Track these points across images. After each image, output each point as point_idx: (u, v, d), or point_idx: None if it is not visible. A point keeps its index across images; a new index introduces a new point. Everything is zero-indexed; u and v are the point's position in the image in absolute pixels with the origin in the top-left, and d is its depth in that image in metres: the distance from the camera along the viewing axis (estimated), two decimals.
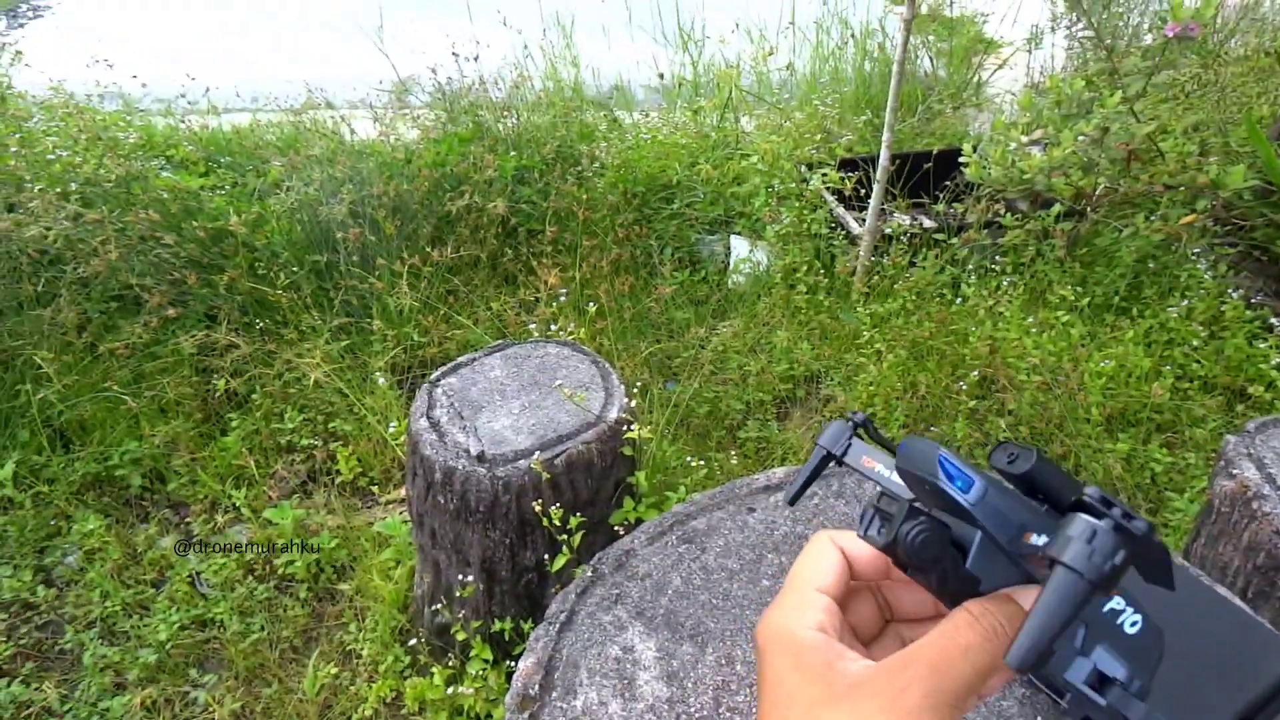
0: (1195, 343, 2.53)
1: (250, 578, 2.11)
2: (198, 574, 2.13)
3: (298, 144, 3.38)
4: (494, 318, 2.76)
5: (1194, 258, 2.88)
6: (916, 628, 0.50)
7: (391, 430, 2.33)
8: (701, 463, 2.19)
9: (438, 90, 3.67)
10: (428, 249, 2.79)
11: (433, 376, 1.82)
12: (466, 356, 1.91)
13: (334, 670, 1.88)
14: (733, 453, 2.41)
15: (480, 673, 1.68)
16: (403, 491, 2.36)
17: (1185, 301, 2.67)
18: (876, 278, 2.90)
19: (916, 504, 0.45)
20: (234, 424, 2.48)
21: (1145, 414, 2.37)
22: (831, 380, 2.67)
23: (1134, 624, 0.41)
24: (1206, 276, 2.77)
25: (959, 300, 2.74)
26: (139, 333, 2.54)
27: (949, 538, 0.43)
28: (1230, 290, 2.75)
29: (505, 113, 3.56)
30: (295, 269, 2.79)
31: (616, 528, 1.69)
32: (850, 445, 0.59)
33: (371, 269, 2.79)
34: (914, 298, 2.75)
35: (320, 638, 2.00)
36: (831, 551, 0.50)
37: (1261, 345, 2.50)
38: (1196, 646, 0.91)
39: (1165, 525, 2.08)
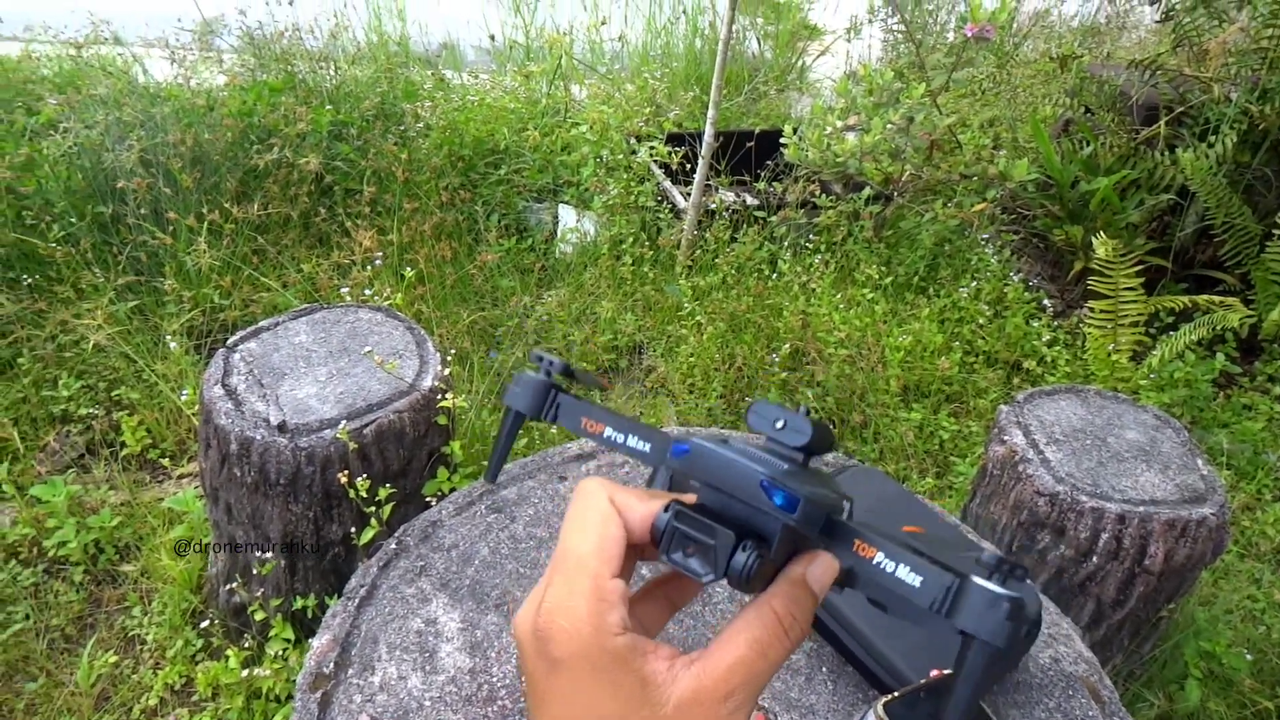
0: (981, 321, 2.75)
1: (14, 562, 1.89)
2: None
3: (78, 82, 3.03)
4: (305, 280, 2.60)
5: (983, 243, 3.13)
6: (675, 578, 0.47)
7: (185, 398, 2.15)
8: (521, 432, 2.17)
9: (246, 34, 3.40)
10: (231, 205, 2.59)
11: (230, 341, 1.69)
12: (269, 320, 1.78)
13: (113, 658, 1.72)
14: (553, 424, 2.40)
15: (281, 653, 1.60)
16: (196, 464, 2.19)
17: (975, 283, 2.90)
18: (699, 251, 2.96)
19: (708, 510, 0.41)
20: None
21: (936, 385, 2.56)
22: (654, 351, 2.72)
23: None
24: (993, 260, 3.02)
25: (775, 276, 2.85)
26: None
27: (758, 536, 0.40)
28: (1012, 274, 3.01)
29: (322, 63, 3.35)
30: (73, 220, 2.51)
31: (429, 499, 1.64)
32: (558, 403, 0.50)
33: (165, 224, 2.56)
34: (734, 272, 2.83)
35: (99, 624, 1.83)
36: (614, 521, 0.42)
37: (1036, 324, 2.75)
38: None
39: (950, 488, 2.26)
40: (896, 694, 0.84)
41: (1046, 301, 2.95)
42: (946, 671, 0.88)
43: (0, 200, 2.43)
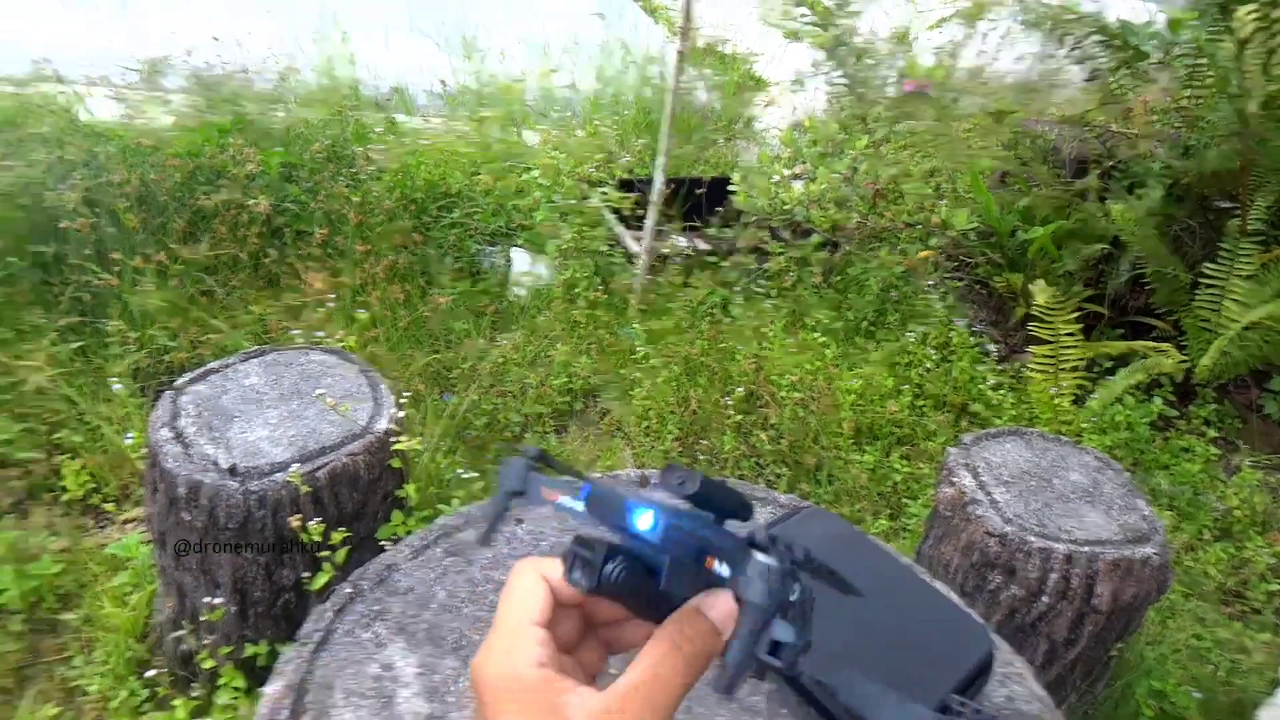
0: (929, 365, 2.82)
1: None
2: None
3: (19, 120, 2.97)
4: (255, 322, 2.56)
5: (928, 289, 3.23)
6: (614, 629, 0.54)
7: (130, 442, 2.09)
8: (476, 475, 2.15)
9: (194, 75, 3.37)
10: (178, 245, 2.55)
11: (177, 383, 1.66)
12: (219, 362, 1.75)
13: (54, 711, 1.65)
14: None
15: (231, 702, 1.54)
16: (142, 509, 2.12)
17: (922, 328, 2.98)
18: (652, 295, 2.99)
19: (612, 542, 0.49)
20: None
21: (888, 428, 2.60)
22: (608, 394, 2.72)
23: (794, 593, 0.48)
24: (938, 306, 3.10)
25: (728, 319, 2.89)
26: None
27: (643, 568, 0.48)
28: (957, 319, 3.10)
29: (271, 105, 3.34)
30: (12, 259, 2.45)
31: (383, 543, 1.61)
32: (529, 480, 0.57)
33: (110, 264, 2.50)
34: (687, 316, 2.86)
35: (38, 675, 1.75)
36: (538, 586, 0.51)
37: (981, 368, 2.83)
38: (913, 634, 1.01)
39: (904, 529, 2.30)
40: None
41: (990, 346, 3.04)
42: None
43: None
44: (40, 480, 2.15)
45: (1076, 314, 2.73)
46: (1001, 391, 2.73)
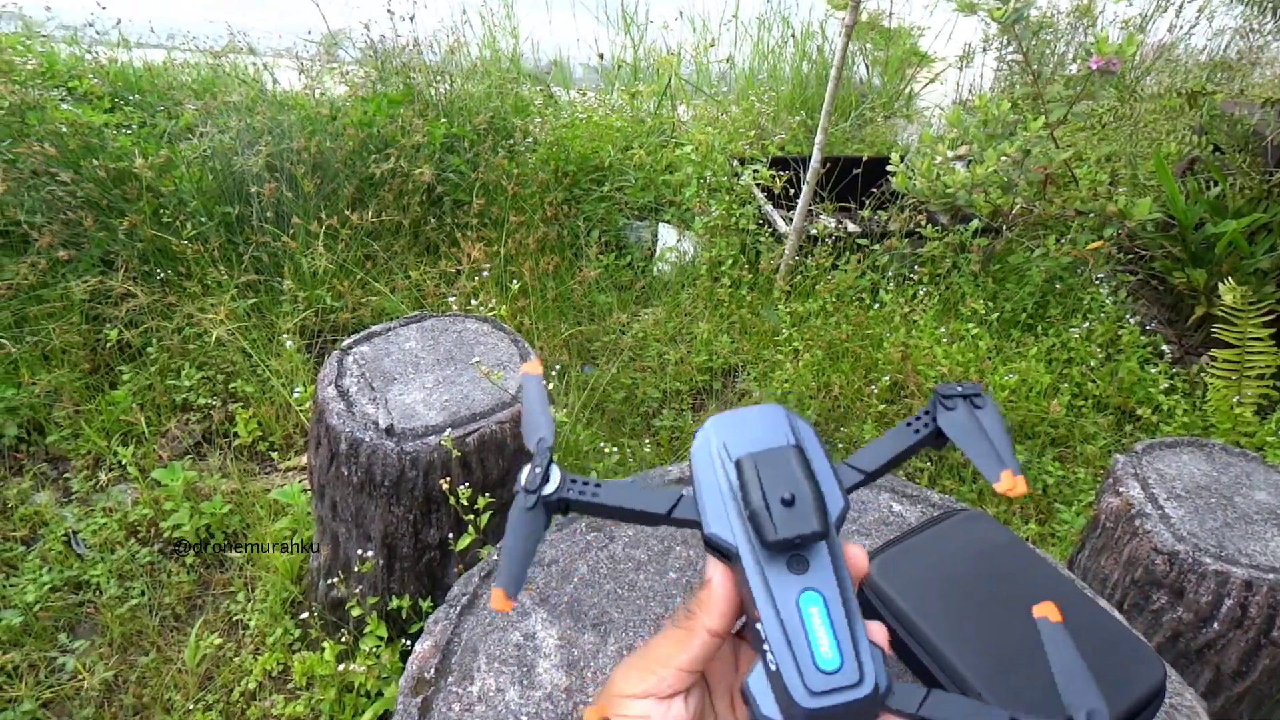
0: (1093, 363, 2.64)
1: (133, 540, 2.00)
2: (74, 533, 2.01)
3: (215, 88, 3.20)
4: (412, 287, 2.68)
5: (1097, 282, 3.01)
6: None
7: (296, 395, 2.23)
8: (615, 449, 2.18)
9: (369, 47, 3.53)
10: (347, 210, 2.69)
11: (344, 344, 1.75)
12: (381, 326, 1.84)
13: (218, 641, 1.80)
14: (646, 440, 2.41)
15: (373, 650, 1.64)
16: (303, 459, 2.27)
17: (1086, 323, 2.79)
18: (799, 277, 2.93)
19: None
20: (125, 377, 2.34)
21: (1042, 428, 2.46)
22: (748, 375, 2.70)
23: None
24: (1107, 301, 2.89)
25: (876, 305, 2.80)
26: (24, 274, 2.37)
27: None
28: (1128, 316, 2.89)
29: (438, 77, 3.46)
30: (204, 219, 2.65)
31: None
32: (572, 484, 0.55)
33: (286, 226, 2.67)
34: (834, 299, 2.79)
35: (206, 606, 1.91)
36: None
37: (1152, 370, 2.62)
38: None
39: (1052, 535, 2.17)
40: None
41: (1164, 347, 2.81)
42: None
43: (141, 198, 2.58)
44: (216, 425, 2.33)
45: (1268, 317, 2.49)
46: (1174, 397, 2.53)
